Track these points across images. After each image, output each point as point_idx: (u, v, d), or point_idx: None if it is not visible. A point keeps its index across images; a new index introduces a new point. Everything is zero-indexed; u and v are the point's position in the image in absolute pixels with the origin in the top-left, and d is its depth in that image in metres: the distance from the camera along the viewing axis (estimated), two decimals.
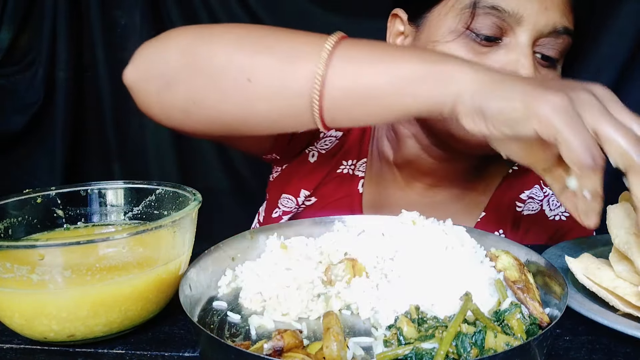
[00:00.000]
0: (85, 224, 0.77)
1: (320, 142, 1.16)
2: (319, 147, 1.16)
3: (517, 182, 1.12)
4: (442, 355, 0.53)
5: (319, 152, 1.16)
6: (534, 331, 0.59)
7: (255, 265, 0.74)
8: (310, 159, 1.16)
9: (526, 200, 1.10)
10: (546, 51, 0.93)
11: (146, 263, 0.63)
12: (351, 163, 1.15)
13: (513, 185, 1.12)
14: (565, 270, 0.76)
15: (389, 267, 0.70)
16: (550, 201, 1.09)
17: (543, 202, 1.09)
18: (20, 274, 0.58)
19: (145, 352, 0.62)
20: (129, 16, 1.68)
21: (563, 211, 1.07)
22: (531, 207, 1.09)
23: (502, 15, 0.90)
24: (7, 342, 0.64)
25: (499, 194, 1.11)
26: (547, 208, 1.08)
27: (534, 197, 1.10)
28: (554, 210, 1.08)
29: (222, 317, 0.67)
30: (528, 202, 1.09)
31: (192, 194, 0.72)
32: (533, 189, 1.11)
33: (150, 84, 0.83)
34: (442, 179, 1.10)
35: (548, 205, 1.08)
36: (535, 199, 1.09)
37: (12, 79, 1.66)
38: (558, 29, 0.91)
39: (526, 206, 1.09)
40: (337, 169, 1.15)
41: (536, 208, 1.08)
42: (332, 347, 0.54)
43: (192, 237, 0.70)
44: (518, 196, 1.10)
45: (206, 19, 1.67)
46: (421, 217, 0.76)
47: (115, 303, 0.61)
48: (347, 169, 1.15)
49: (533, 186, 1.11)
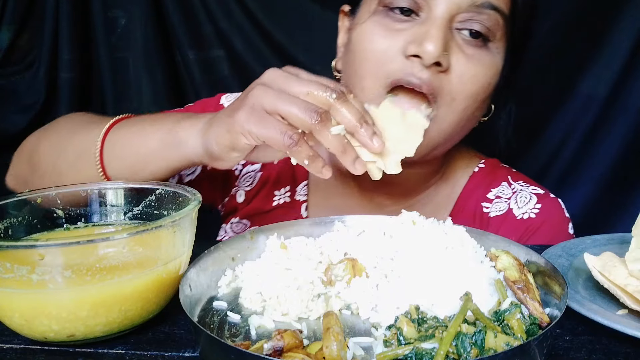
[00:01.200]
0: (85, 224, 0.77)
1: (240, 180, 1.16)
2: (242, 185, 1.15)
3: (484, 180, 1.10)
4: (442, 355, 0.53)
5: (244, 190, 1.15)
6: (534, 331, 0.59)
7: (255, 265, 0.74)
8: (238, 199, 1.15)
9: (493, 199, 1.07)
10: (470, 25, 0.90)
11: (146, 263, 0.63)
12: (285, 191, 1.14)
13: (480, 184, 1.10)
14: (565, 270, 0.77)
15: (389, 267, 0.70)
16: (518, 198, 1.06)
17: (510, 200, 1.06)
18: (20, 274, 0.57)
19: (145, 352, 0.62)
20: (129, 16, 1.68)
21: (531, 208, 1.04)
22: (499, 207, 1.06)
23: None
24: (7, 342, 0.64)
25: (464, 195, 1.09)
26: (515, 206, 1.05)
27: (501, 196, 1.07)
28: (522, 207, 1.05)
29: (222, 317, 0.67)
30: (495, 201, 1.07)
31: (192, 194, 0.72)
32: (500, 186, 1.09)
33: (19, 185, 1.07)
34: (399, 190, 1.07)
35: (516, 203, 1.06)
36: (502, 198, 1.07)
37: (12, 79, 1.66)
38: (477, 2, 0.88)
39: (493, 206, 1.07)
40: (271, 202, 1.14)
41: (504, 208, 1.06)
42: (332, 347, 0.54)
43: (192, 237, 0.70)
44: (485, 196, 1.08)
45: (205, 19, 1.67)
46: (421, 217, 0.76)
47: (115, 303, 0.61)
48: (282, 198, 1.14)
49: (500, 183, 1.09)
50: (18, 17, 1.63)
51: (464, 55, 0.90)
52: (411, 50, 0.88)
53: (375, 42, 0.92)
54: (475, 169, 1.12)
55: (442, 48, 0.87)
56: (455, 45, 0.90)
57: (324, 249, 0.78)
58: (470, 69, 0.91)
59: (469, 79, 0.91)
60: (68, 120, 1.03)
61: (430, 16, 0.89)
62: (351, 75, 0.97)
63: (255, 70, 1.67)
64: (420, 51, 0.87)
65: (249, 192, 1.15)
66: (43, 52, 1.64)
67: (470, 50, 0.91)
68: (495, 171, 1.12)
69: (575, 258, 0.81)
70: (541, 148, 1.64)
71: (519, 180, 1.10)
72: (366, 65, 0.92)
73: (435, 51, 0.86)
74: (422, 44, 0.86)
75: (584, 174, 1.62)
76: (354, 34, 0.96)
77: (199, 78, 1.71)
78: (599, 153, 1.59)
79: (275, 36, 1.65)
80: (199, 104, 1.18)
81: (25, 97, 1.68)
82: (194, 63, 1.71)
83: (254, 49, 1.68)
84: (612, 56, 1.52)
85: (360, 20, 0.96)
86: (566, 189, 1.62)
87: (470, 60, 0.91)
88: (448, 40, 0.89)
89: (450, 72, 0.90)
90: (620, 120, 1.56)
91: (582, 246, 0.84)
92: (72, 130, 0.99)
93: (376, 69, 0.91)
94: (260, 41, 1.67)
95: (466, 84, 0.91)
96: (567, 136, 1.61)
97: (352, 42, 0.97)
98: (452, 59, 0.90)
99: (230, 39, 1.68)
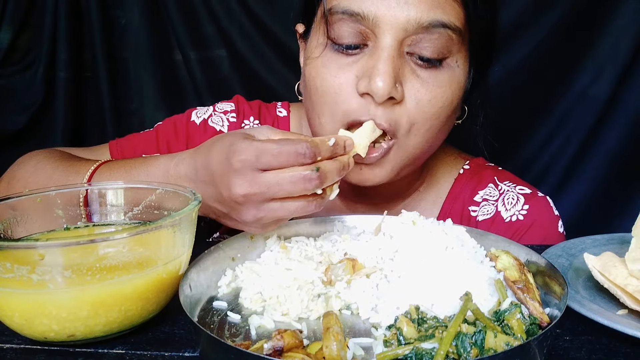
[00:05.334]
0: (86, 224, 0.77)
1: None
2: None
3: (470, 182, 1.08)
4: (442, 355, 0.53)
5: None
6: (534, 331, 0.59)
7: (255, 265, 0.74)
8: None
9: (480, 202, 1.06)
10: (420, 51, 0.86)
11: (146, 263, 0.63)
12: None
13: (466, 186, 1.08)
14: (565, 270, 0.77)
15: (388, 267, 0.70)
16: (505, 200, 1.04)
17: (498, 202, 1.05)
18: (20, 274, 0.57)
19: (145, 352, 0.62)
20: (129, 16, 1.68)
21: (519, 210, 1.03)
22: (486, 211, 1.05)
23: (357, 19, 0.84)
24: (7, 342, 0.64)
25: (451, 199, 1.08)
26: (502, 209, 1.04)
27: (488, 199, 1.06)
28: (509, 210, 1.03)
29: (222, 317, 0.67)
30: (483, 204, 1.05)
31: (192, 194, 0.72)
32: (487, 188, 1.07)
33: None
34: (383, 198, 1.06)
35: (504, 206, 1.04)
36: (489, 200, 1.05)
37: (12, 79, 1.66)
38: (424, 23, 0.84)
39: (481, 210, 1.05)
40: None
41: (491, 211, 1.04)
42: (332, 347, 0.54)
43: (192, 237, 0.70)
44: (472, 199, 1.06)
45: (205, 19, 1.67)
46: (421, 217, 0.76)
47: (115, 303, 0.61)
48: None
49: (487, 185, 1.07)
50: (18, 17, 1.63)
51: (418, 80, 0.87)
52: (362, 88, 0.86)
53: (328, 80, 0.89)
54: (461, 170, 1.10)
55: (392, 82, 0.83)
56: (409, 70, 0.87)
57: (324, 249, 0.78)
58: (426, 94, 0.87)
59: (427, 104, 0.88)
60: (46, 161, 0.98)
61: (378, 46, 0.85)
62: (309, 109, 0.95)
63: (256, 70, 1.67)
64: (370, 89, 0.84)
65: None
66: (42, 52, 1.64)
67: (424, 73, 0.87)
68: (481, 172, 1.10)
69: (575, 258, 0.81)
70: (541, 148, 1.64)
71: (506, 180, 1.08)
72: (322, 104, 0.90)
73: (385, 88, 0.83)
74: (371, 81, 0.83)
75: (584, 174, 1.62)
76: (307, 70, 0.93)
77: (200, 78, 1.71)
78: (598, 153, 1.59)
79: (277, 36, 1.65)
80: (169, 122, 1.15)
81: (24, 96, 1.68)
82: (195, 63, 1.71)
83: (255, 49, 1.68)
84: (612, 56, 1.52)
85: (311, 52, 0.93)
86: (566, 189, 1.62)
87: (425, 84, 0.87)
88: (398, 70, 0.85)
89: (406, 101, 0.87)
90: (620, 120, 1.56)
91: (582, 246, 0.84)
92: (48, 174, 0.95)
93: (332, 108, 0.89)
94: (262, 41, 1.67)
95: (424, 108, 0.88)
96: (567, 136, 1.61)
97: (306, 77, 0.94)
98: (406, 87, 0.87)
99: (232, 39, 1.68)
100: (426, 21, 0.84)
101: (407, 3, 0.83)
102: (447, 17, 0.85)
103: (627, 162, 1.58)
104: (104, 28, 1.67)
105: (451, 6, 0.86)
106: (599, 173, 1.60)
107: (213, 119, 1.14)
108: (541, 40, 1.54)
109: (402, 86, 0.86)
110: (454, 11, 0.86)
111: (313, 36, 0.94)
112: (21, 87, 1.67)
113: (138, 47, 1.70)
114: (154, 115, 1.72)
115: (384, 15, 0.83)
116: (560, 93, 1.59)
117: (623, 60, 1.52)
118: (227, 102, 1.17)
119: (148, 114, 1.74)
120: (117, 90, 1.73)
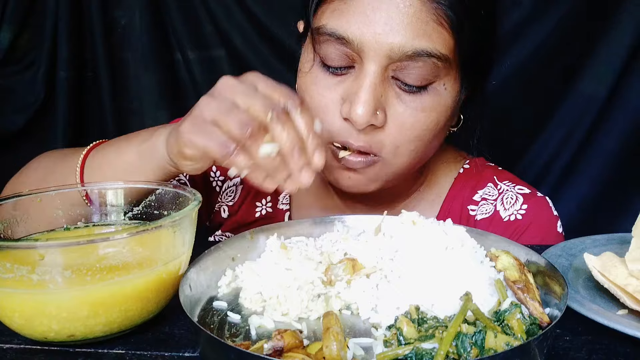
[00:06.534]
0: (86, 224, 0.77)
1: (222, 196, 1.15)
2: (225, 201, 1.15)
3: (469, 181, 1.08)
4: (442, 355, 0.53)
5: (227, 205, 1.15)
6: (534, 331, 0.59)
7: (255, 265, 0.74)
8: (223, 215, 1.15)
9: (479, 202, 1.06)
10: (404, 77, 0.85)
11: (146, 263, 0.63)
12: (267, 201, 1.13)
13: (465, 186, 1.08)
14: (565, 270, 0.77)
15: (388, 267, 0.70)
16: (504, 199, 1.04)
17: (497, 201, 1.05)
18: (20, 274, 0.57)
19: (145, 352, 0.62)
20: (129, 16, 1.68)
21: (518, 209, 1.03)
22: (485, 210, 1.05)
23: (343, 42, 0.85)
24: (7, 342, 0.64)
25: (450, 199, 1.08)
26: (501, 208, 1.04)
27: (487, 198, 1.06)
28: (508, 209, 1.03)
29: (222, 317, 0.67)
30: (482, 204, 1.06)
31: (192, 194, 0.72)
32: (486, 187, 1.07)
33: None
34: (382, 199, 1.06)
35: (502, 205, 1.04)
36: (489, 200, 1.06)
37: (12, 79, 1.66)
38: (408, 52, 0.83)
39: (479, 209, 1.06)
40: (254, 214, 1.13)
41: (490, 210, 1.05)
42: (332, 347, 0.54)
43: (192, 237, 0.70)
44: (471, 198, 1.07)
45: (206, 18, 1.67)
46: (421, 217, 0.76)
47: (115, 303, 0.61)
48: (264, 209, 1.13)
49: (486, 184, 1.07)
50: (18, 17, 1.62)
51: (401, 105, 0.87)
52: (344, 113, 0.86)
53: (315, 98, 0.90)
54: (460, 170, 1.10)
55: (372, 111, 0.84)
56: (392, 94, 0.87)
57: (324, 249, 0.78)
58: (409, 118, 0.87)
59: (410, 127, 0.88)
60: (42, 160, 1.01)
61: (362, 70, 0.85)
62: None
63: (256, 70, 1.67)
64: (350, 116, 0.85)
65: (231, 206, 1.14)
66: (43, 52, 1.64)
67: (408, 97, 0.87)
68: (480, 171, 1.10)
69: (575, 258, 0.81)
70: (541, 148, 1.64)
71: (505, 179, 1.08)
72: None
73: (364, 117, 0.83)
74: (352, 108, 0.84)
75: (584, 173, 1.61)
76: (298, 82, 0.95)
77: (200, 78, 1.71)
78: (599, 153, 1.59)
79: (276, 36, 1.65)
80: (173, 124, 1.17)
81: (24, 96, 1.68)
82: (195, 63, 1.71)
83: (254, 49, 1.68)
84: (612, 56, 1.52)
85: (302, 64, 0.94)
86: (566, 188, 1.62)
87: (408, 108, 0.87)
88: (380, 97, 0.85)
89: (388, 125, 0.87)
90: (620, 120, 1.56)
91: (582, 246, 0.84)
92: (49, 167, 0.97)
93: None
94: (261, 41, 1.67)
95: (407, 132, 0.88)
96: (567, 136, 1.60)
97: (297, 89, 0.95)
98: (389, 112, 0.87)
99: (231, 39, 1.68)
100: (410, 50, 0.83)
101: (392, 30, 0.82)
102: (433, 46, 0.83)
103: (626, 162, 1.58)
104: (105, 28, 1.67)
105: (439, 33, 0.84)
106: (599, 173, 1.60)
107: None
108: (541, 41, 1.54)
109: (384, 112, 0.87)
110: (441, 38, 0.84)
111: (305, 47, 0.95)
112: (21, 87, 1.67)
113: (138, 47, 1.70)
114: (154, 115, 1.72)
115: (368, 41, 0.83)
116: (559, 93, 1.59)
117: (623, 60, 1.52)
118: None
119: (148, 113, 1.74)
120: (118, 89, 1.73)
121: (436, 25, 0.83)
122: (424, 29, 0.83)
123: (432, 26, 0.83)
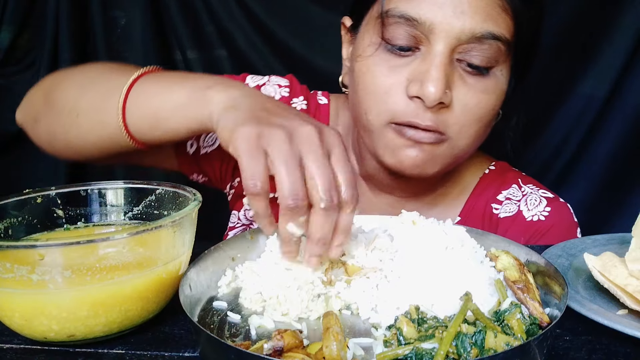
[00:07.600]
0: (85, 224, 0.77)
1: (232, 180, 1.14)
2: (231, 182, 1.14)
3: (494, 182, 1.11)
4: (442, 355, 0.53)
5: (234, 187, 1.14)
6: (534, 331, 0.59)
7: (255, 265, 0.74)
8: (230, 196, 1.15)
9: (503, 201, 1.08)
10: (469, 58, 0.88)
11: (146, 263, 0.63)
12: None
13: (490, 185, 1.10)
14: (565, 270, 0.77)
15: (388, 267, 0.70)
16: (528, 200, 1.07)
17: (520, 202, 1.07)
18: (20, 274, 0.57)
19: (145, 352, 0.62)
20: (129, 16, 1.68)
21: (541, 210, 1.05)
22: (508, 209, 1.07)
23: (413, 24, 0.87)
24: (7, 342, 0.64)
25: (474, 196, 1.10)
26: (524, 208, 1.06)
27: (511, 198, 1.08)
28: (531, 210, 1.05)
29: (222, 317, 0.67)
30: (505, 203, 1.08)
31: (192, 194, 0.72)
32: (511, 188, 1.09)
33: (28, 122, 1.05)
34: (409, 192, 1.08)
35: (526, 205, 1.06)
36: (512, 200, 1.08)
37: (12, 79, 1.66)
38: (477, 34, 0.86)
39: (503, 208, 1.07)
40: None
41: (513, 210, 1.06)
42: (332, 347, 0.54)
43: (192, 237, 0.70)
44: (495, 197, 1.09)
45: (206, 19, 1.67)
46: (421, 217, 0.76)
47: (115, 303, 0.61)
48: None
49: (511, 185, 1.10)
50: (18, 17, 1.62)
51: (465, 86, 0.90)
52: (413, 91, 0.88)
53: (378, 79, 0.91)
54: (486, 170, 1.13)
55: (443, 88, 0.86)
56: (458, 76, 0.89)
57: None
58: (472, 99, 0.90)
59: (473, 108, 0.91)
60: (96, 66, 1.01)
61: (431, 51, 0.87)
62: (355, 104, 0.97)
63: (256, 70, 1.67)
64: (422, 93, 0.86)
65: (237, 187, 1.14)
66: (43, 52, 1.64)
67: (471, 79, 0.90)
68: (505, 173, 1.12)
69: (575, 258, 0.81)
70: (541, 148, 1.64)
71: (529, 183, 1.11)
72: (370, 101, 0.92)
73: (436, 93, 0.85)
74: (423, 86, 0.86)
75: (584, 173, 1.61)
76: (357, 66, 0.95)
77: None
78: (598, 153, 1.59)
79: (277, 36, 1.65)
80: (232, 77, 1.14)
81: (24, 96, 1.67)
82: (196, 63, 1.71)
83: (255, 49, 1.68)
84: (612, 56, 1.52)
85: (363, 50, 0.94)
86: (566, 188, 1.62)
87: (472, 89, 0.90)
88: (449, 76, 0.88)
89: (454, 106, 0.90)
90: (620, 120, 1.56)
91: (582, 246, 0.84)
92: (99, 74, 0.96)
93: (380, 107, 0.91)
94: (262, 41, 1.67)
95: (470, 112, 0.91)
96: (567, 136, 1.60)
97: (355, 73, 0.96)
98: (454, 92, 0.89)
99: (232, 39, 1.68)
100: (479, 32, 0.86)
101: (463, 13, 0.85)
102: (499, 29, 0.88)
103: (626, 162, 1.57)
104: (105, 28, 1.67)
105: (503, 18, 0.88)
106: (599, 173, 1.60)
107: (266, 88, 1.14)
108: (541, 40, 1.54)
109: (451, 91, 0.89)
110: (505, 23, 0.89)
111: (365, 34, 0.96)
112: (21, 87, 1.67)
113: (138, 46, 1.70)
114: None
115: (440, 22, 0.86)
116: (559, 93, 1.59)
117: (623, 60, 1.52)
118: (281, 77, 1.18)
119: None
120: None
121: (500, 11, 0.87)
122: (491, 13, 0.87)
123: (497, 11, 0.87)
